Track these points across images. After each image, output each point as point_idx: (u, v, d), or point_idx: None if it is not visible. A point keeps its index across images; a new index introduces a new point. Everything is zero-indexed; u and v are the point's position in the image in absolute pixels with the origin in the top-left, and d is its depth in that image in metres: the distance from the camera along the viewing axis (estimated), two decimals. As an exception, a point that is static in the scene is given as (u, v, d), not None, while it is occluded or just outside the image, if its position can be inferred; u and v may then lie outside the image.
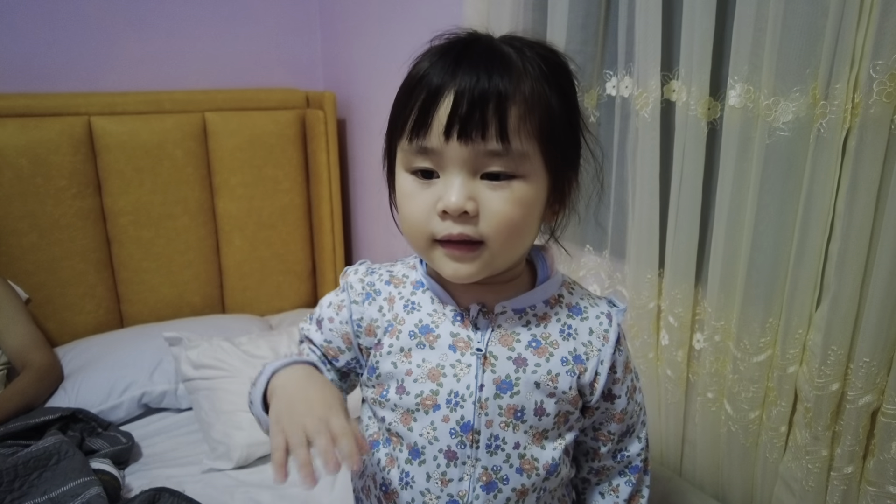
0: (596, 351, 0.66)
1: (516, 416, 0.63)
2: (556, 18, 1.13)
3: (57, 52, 1.69)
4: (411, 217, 0.60)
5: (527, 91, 0.57)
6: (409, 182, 0.60)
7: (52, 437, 1.22)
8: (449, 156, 0.57)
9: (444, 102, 0.56)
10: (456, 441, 0.63)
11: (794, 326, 0.88)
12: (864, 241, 0.79)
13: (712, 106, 0.96)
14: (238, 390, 1.43)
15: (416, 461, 0.64)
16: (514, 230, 0.59)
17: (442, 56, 0.58)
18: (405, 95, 0.59)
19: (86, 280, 1.70)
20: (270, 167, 1.88)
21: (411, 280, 0.69)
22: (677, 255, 1.02)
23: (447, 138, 0.56)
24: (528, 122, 0.57)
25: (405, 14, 1.64)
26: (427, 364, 0.64)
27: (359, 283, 0.70)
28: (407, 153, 0.59)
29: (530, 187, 0.59)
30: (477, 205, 0.57)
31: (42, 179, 1.59)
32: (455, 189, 0.56)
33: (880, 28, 0.72)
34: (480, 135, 0.55)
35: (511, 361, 0.64)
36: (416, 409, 0.64)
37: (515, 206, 0.58)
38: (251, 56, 1.96)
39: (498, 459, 0.63)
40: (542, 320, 0.66)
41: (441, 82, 0.56)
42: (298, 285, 2.03)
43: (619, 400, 0.69)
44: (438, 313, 0.66)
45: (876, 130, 0.75)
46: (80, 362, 1.56)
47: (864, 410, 0.83)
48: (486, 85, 0.55)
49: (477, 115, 0.55)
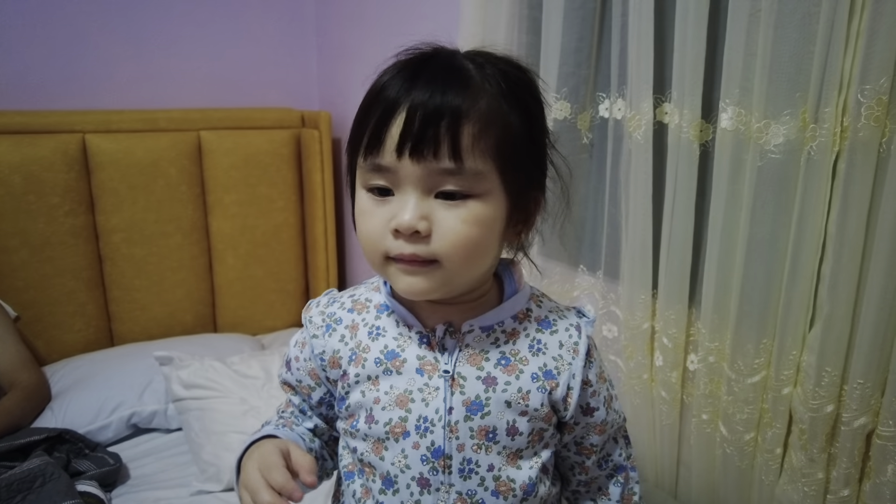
0: (567, 365, 0.65)
1: (488, 438, 0.62)
2: (550, 41, 1.15)
3: (53, 69, 1.70)
4: (366, 234, 0.59)
5: (483, 108, 0.55)
6: (366, 199, 0.59)
7: (37, 459, 1.20)
8: (402, 174, 0.55)
9: (397, 118, 0.55)
10: (428, 468, 0.61)
11: (788, 347, 0.88)
12: (855, 262, 0.80)
13: (704, 128, 0.97)
14: (229, 411, 1.42)
15: (389, 491, 0.63)
16: (470, 249, 0.57)
17: (399, 71, 0.57)
18: (362, 111, 0.59)
19: (76, 298, 1.69)
20: (265, 186, 1.88)
21: (375, 303, 0.67)
22: (671, 275, 1.02)
23: (399, 156, 0.55)
24: (483, 140, 0.55)
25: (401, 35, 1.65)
26: (395, 391, 0.62)
27: (319, 316, 0.69)
28: (363, 170, 0.58)
29: (487, 206, 0.57)
30: (430, 224, 0.56)
31: (35, 196, 1.58)
32: (408, 208, 0.55)
33: (867, 54, 0.73)
34: (433, 153, 0.54)
35: (480, 381, 0.62)
36: (387, 438, 0.62)
37: (471, 226, 0.56)
38: (247, 75, 1.98)
39: (472, 483, 0.62)
40: (511, 336, 0.64)
41: (395, 97, 0.55)
42: (291, 304, 2.02)
43: (599, 412, 0.68)
44: (404, 337, 0.64)
45: (865, 153, 0.76)
46: (68, 382, 1.53)
47: (859, 432, 0.83)
48: (440, 101, 0.54)
49: (430, 132, 0.53)
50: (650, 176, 1.03)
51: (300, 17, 2.02)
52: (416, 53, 0.60)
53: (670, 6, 0.98)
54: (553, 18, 1.13)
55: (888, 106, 0.74)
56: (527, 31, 1.24)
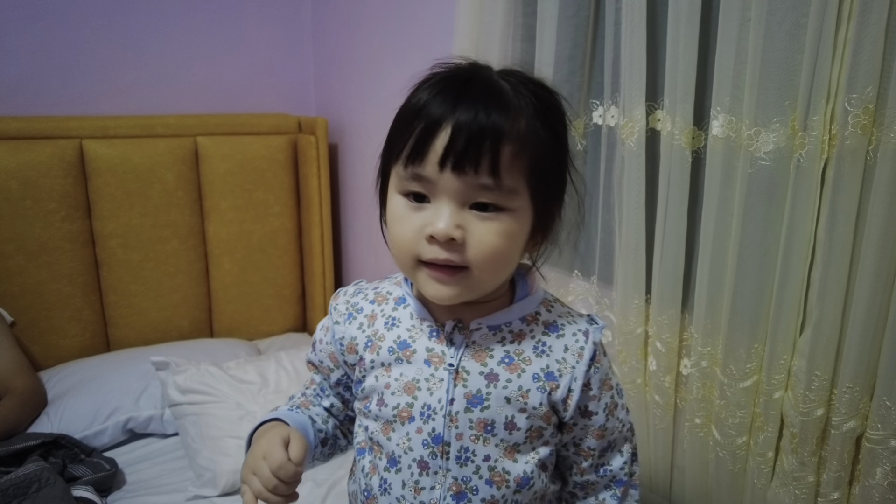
0: (570, 368, 0.67)
1: (487, 430, 0.66)
2: (544, 49, 1.16)
3: (50, 75, 1.70)
4: (400, 238, 0.63)
5: (521, 129, 0.60)
6: (401, 204, 0.62)
7: (32, 465, 1.20)
8: (441, 185, 0.59)
9: (441, 134, 0.58)
10: (428, 452, 0.66)
11: (779, 352, 0.89)
12: (844, 267, 0.81)
13: (696, 135, 0.98)
14: (225, 416, 1.42)
15: (393, 469, 0.68)
16: (498, 260, 0.62)
17: (443, 88, 0.60)
18: (405, 121, 0.61)
19: (72, 303, 1.69)
20: (261, 191, 1.88)
21: (394, 296, 0.72)
22: (664, 281, 1.03)
23: (441, 168, 0.58)
24: (519, 159, 0.59)
25: (397, 41, 1.67)
26: (404, 378, 0.67)
27: (344, 305, 0.74)
28: (401, 177, 0.62)
29: (516, 221, 0.61)
30: (464, 233, 0.60)
31: (31, 202, 1.58)
32: (444, 217, 0.59)
33: (854, 63, 0.75)
34: (474, 168, 0.58)
35: (483, 377, 0.66)
36: (394, 420, 0.68)
37: (501, 238, 0.61)
38: (244, 81, 1.98)
39: (468, 471, 0.66)
40: (518, 337, 0.68)
41: (441, 114, 0.58)
42: (288, 309, 2.03)
43: (597, 417, 0.70)
44: (416, 329, 0.69)
45: (852, 161, 0.78)
46: (64, 387, 1.53)
47: (848, 436, 0.84)
48: (484, 121, 0.57)
49: (472, 149, 0.57)
50: (643, 182, 1.04)
51: (297, 23, 2.03)
52: (455, 69, 0.64)
53: (662, 15, 0.99)
54: (547, 26, 1.14)
55: (874, 114, 0.76)
56: (521, 38, 1.25)
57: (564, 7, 1.13)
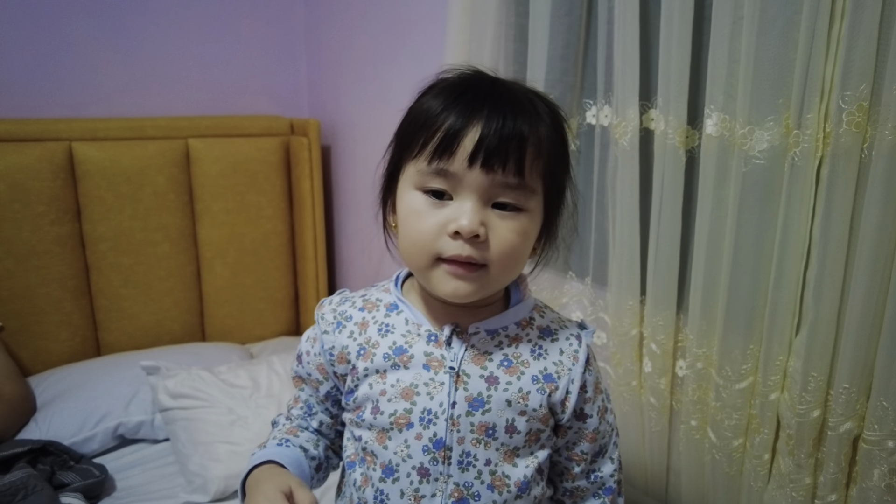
0: (567, 370, 0.69)
1: (488, 434, 0.65)
2: (536, 49, 1.15)
3: (39, 77, 1.69)
4: (418, 234, 0.62)
5: (542, 134, 0.63)
6: (420, 200, 0.62)
7: (19, 472, 1.18)
8: (467, 181, 0.60)
9: (471, 132, 0.60)
10: (428, 458, 0.65)
11: (775, 353, 0.88)
12: (839, 267, 0.80)
13: (690, 134, 0.98)
14: (216, 421, 1.40)
15: (389, 479, 0.66)
16: (514, 258, 0.63)
17: (467, 89, 0.63)
18: (427, 120, 0.62)
19: (62, 308, 1.67)
20: (253, 194, 1.87)
21: (385, 303, 0.71)
22: (658, 282, 1.02)
23: (471, 165, 0.60)
24: (539, 161, 0.62)
25: (389, 43, 1.66)
26: (401, 384, 0.66)
27: (331, 314, 0.72)
28: (423, 173, 0.62)
29: (530, 221, 0.64)
30: (487, 230, 0.61)
31: (20, 205, 1.57)
32: (469, 213, 0.60)
33: (847, 60, 0.74)
34: (502, 167, 0.60)
35: (483, 380, 0.66)
36: (391, 428, 0.66)
37: (519, 236, 0.62)
38: (236, 83, 1.97)
39: (469, 476, 0.65)
40: (514, 341, 0.69)
41: (470, 113, 0.60)
42: (280, 313, 2.01)
43: (591, 419, 0.71)
44: (412, 334, 0.68)
45: (847, 159, 0.77)
46: (53, 392, 1.51)
47: (845, 437, 0.83)
48: (513, 124, 0.60)
49: (502, 148, 0.60)
50: (637, 182, 1.04)
51: (289, 24, 2.02)
52: (469, 75, 0.66)
53: (655, 13, 0.99)
54: (539, 26, 1.14)
55: (868, 112, 0.75)
56: (514, 38, 1.25)
57: (557, 6, 1.12)
